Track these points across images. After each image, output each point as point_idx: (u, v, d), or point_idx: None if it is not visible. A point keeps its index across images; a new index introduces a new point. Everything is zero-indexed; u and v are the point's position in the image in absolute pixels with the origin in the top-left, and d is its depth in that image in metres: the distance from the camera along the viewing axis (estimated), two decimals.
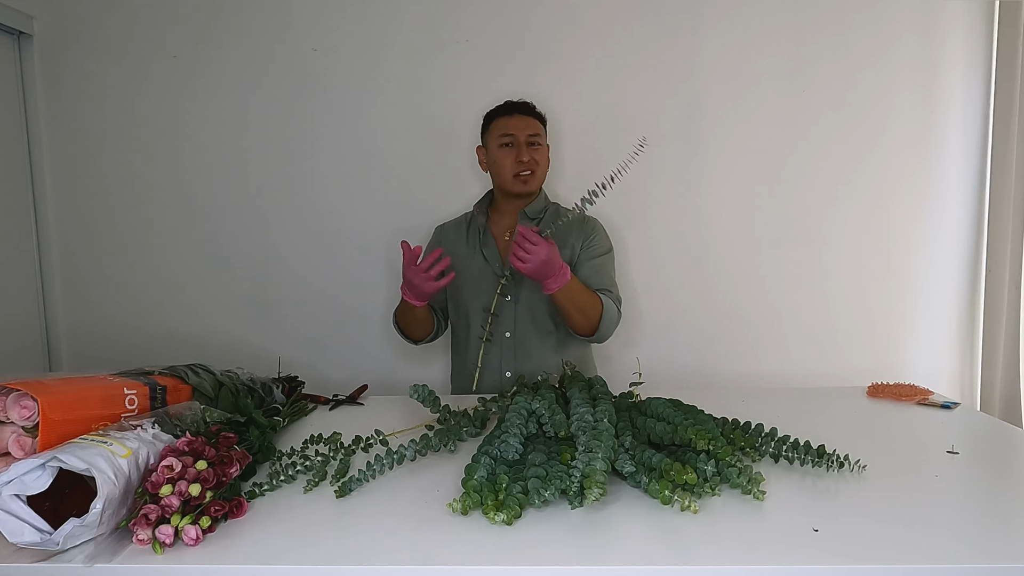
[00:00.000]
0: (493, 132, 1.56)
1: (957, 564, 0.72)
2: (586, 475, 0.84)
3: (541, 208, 1.61)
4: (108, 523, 0.78)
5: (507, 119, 1.55)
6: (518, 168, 1.53)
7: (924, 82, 1.95)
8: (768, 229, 2.00)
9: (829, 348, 2.03)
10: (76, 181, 2.02)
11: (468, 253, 1.59)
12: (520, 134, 1.53)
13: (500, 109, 1.58)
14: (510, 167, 1.53)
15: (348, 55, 1.96)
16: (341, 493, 0.92)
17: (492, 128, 1.57)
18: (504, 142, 1.54)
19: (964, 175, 2.00)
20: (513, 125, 1.54)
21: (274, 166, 2.00)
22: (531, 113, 1.58)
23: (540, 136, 1.57)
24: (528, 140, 1.54)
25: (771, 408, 1.24)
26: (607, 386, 1.19)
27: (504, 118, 1.55)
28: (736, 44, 1.94)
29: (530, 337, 1.55)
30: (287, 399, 1.40)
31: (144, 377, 1.08)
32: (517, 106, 1.57)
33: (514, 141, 1.53)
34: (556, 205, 1.66)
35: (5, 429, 0.86)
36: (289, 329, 2.05)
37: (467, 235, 1.62)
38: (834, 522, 0.81)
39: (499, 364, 1.55)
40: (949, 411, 1.28)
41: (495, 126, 1.56)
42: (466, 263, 1.58)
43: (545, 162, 1.59)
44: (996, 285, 1.97)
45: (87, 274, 2.05)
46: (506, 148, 1.54)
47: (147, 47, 1.97)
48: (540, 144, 1.57)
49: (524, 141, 1.53)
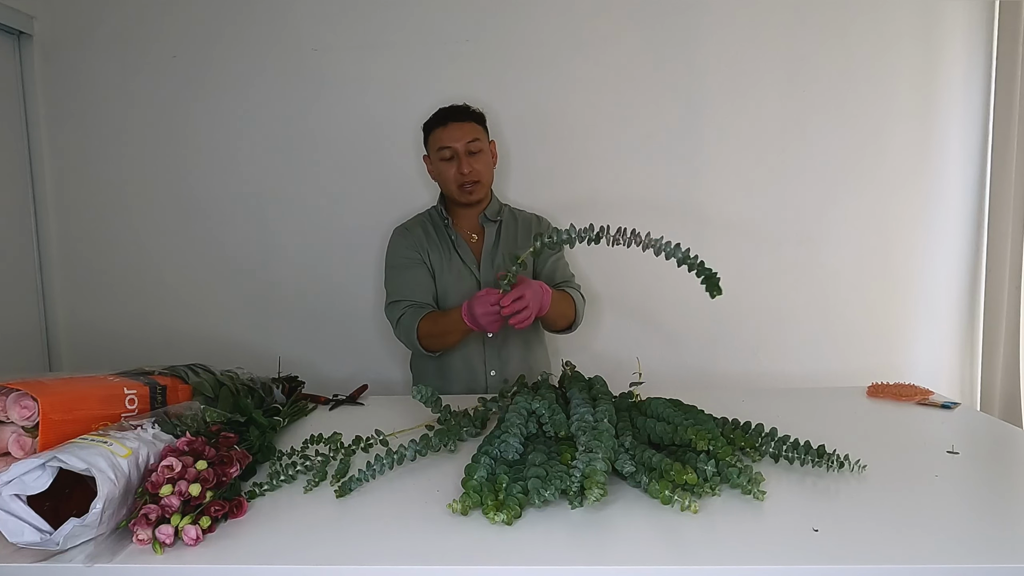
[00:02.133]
0: (432, 145, 1.54)
1: (957, 564, 0.72)
2: (586, 475, 0.84)
3: (497, 209, 1.63)
4: (108, 523, 0.78)
5: (443, 130, 1.51)
6: (460, 180, 1.51)
7: (924, 82, 1.95)
8: (768, 229, 2.00)
9: (829, 348, 2.03)
10: (76, 181, 2.02)
11: (444, 256, 1.58)
12: (458, 144, 1.50)
13: (434, 119, 1.54)
14: (453, 179, 1.52)
15: (348, 55, 1.96)
16: (341, 493, 0.92)
17: (431, 140, 1.55)
18: (444, 156, 1.52)
19: (964, 175, 2.00)
20: (449, 136, 1.50)
21: (274, 166, 2.00)
22: (466, 118, 1.53)
23: (480, 140, 1.52)
24: (467, 149, 1.51)
25: (771, 408, 1.23)
26: (607, 386, 1.18)
27: (440, 129, 1.51)
28: (736, 44, 1.94)
29: (513, 336, 1.58)
30: (287, 399, 1.40)
31: (144, 377, 1.08)
32: (450, 113, 1.53)
33: (453, 153, 1.51)
34: (508, 206, 1.69)
35: (5, 429, 0.86)
36: (289, 329, 2.05)
37: (437, 239, 1.59)
38: (834, 522, 0.81)
39: (483, 363, 1.58)
40: (949, 411, 1.28)
41: (433, 138, 1.53)
42: (445, 266, 1.57)
43: (488, 167, 1.56)
44: (996, 285, 1.96)
45: (87, 274, 2.05)
46: (447, 160, 1.52)
47: (147, 47, 1.97)
48: (481, 149, 1.53)
49: (463, 151, 1.50)
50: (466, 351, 1.57)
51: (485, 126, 1.58)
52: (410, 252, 1.56)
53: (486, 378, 1.57)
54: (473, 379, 1.57)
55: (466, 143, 1.50)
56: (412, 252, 1.56)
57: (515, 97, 1.96)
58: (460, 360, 1.57)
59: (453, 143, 1.50)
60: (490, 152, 1.57)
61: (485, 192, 1.57)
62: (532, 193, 1.98)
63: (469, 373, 1.57)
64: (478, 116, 1.56)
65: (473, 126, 1.53)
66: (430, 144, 1.55)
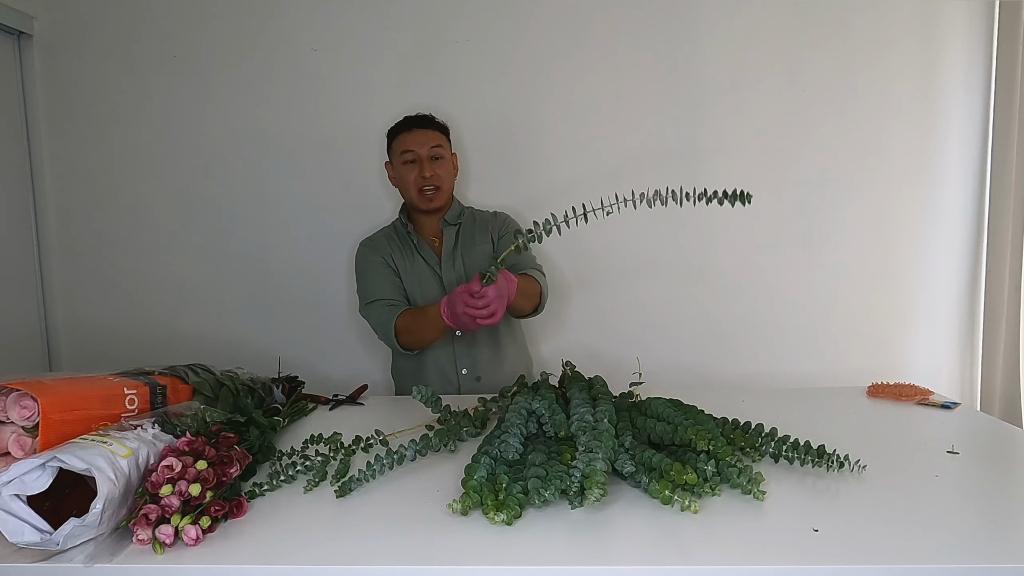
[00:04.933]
0: (396, 149, 1.59)
1: (957, 564, 0.72)
2: (586, 475, 0.84)
3: (458, 214, 1.66)
4: (108, 523, 0.78)
5: (407, 135, 1.57)
6: (421, 183, 1.56)
7: (924, 83, 1.95)
8: (768, 229, 2.00)
9: (829, 348, 2.03)
10: (76, 181, 2.02)
11: (408, 260, 1.62)
12: (421, 149, 1.55)
13: (400, 125, 1.60)
14: (414, 183, 1.56)
15: (348, 55, 1.96)
16: (341, 493, 0.92)
17: (394, 145, 1.60)
18: (407, 159, 1.56)
19: (964, 175, 2.00)
20: (413, 141, 1.55)
21: (274, 166, 2.00)
22: (430, 126, 1.59)
23: (442, 148, 1.58)
24: (430, 155, 1.56)
25: (771, 408, 1.23)
26: (607, 386, 1.18)
27: (404, 134, 1.58)
28: (736, 45, 1.94)
29: (482, 333, 1.60)
30: (287, 399, 1.40)
31: (144, 377, 1.08)
32: (415, 121, 1.59)
33: (416, 157, 1.55)
34: (471, 208, 1.71)
35: (5, 429, 0.86)
36: (289, 329, 2.05)
37: (400, 245, 1.63)
38: (834, 522, 0.81)
39: (454, 363, 1.60)
40: (949, 411, 1.28)
41: (397, 143, 1.58)
42: (409, 269, 1.61)
43: (449, 175, 1.61)
44: (996, 285, 1.96)
45: (87, 274, 2.05)
46: (409, 164, 1.56)
47: (147, 47, 1.97)
48: (443, 157, 1.58)
49: (426, 156, 1.55)
50: (436, 352, 1.60)
51: (448, 137, 1.64)
52: (377, 258, 1.61)
53: (458, 377, 1.60)
54: (445, 379, 1.60)
55: (429, 147, 1.56)
56: (378, 257, 1.60)
57: (514, 97, 1.96)
58: (431, 360, 1.60)
59: (416, 147, 1.55)
60: (452, 162, 1.63)
61: (445, 200, 1.61)
62: (531, 194, 1.98)
63: (440, 373, 1.60)
64: (442, 127, 1.62)
65: (437, 134, 1.59)
66: (393, 149, 1.60)
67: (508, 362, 1.64)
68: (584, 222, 1.03)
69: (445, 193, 1.60)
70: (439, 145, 1.57)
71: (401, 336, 1.50)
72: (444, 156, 1.59)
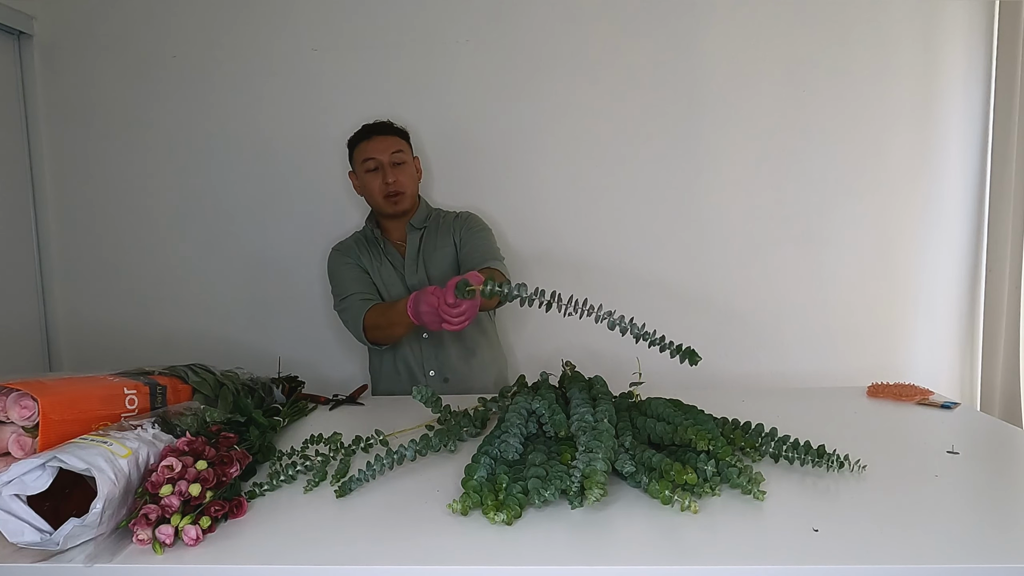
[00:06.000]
0: (357, 158, 1.61)
1: (957, 564, 0.72)
2: (586, 475, 0.84)
3: (424, 216, 1.68)
4: (108, 523, 0.78)
5: (367, 143, 1.59)
6: (385, 189, 1.57)
7: (924, 82, 1.95)
8: (768, 229, 1.99)
9: (829, 348, 2.03)
10: (76, 181, 2.02)
11: (377, 263, 1.64)
12: (382, 156, 1.57)
13: (359, 134, 1.62)
14: (378, 190, 1.58)
15: (348, 55, 1.96)
16: (341, 493, 0.92)
17: (356, 154, 1.62)
18: (369, 167, 1.58)
19: (964, 175, 2.00)
20: (373, 148, 1.58)
21: (274, 165, 2.00)
22: (390, 132, 1.61)
23: (404, 152, 1.60)
24: (392, 160, 1.58)
25: (771, 408, 1.23)
26: (607, 386, 1.19)
27: (364, 143, 1.60)
28: (736, 45, 1.94)
29: (450, 336, 1.61)
30: (287, 399, 1.40)
31: (144, 377, 1.08)
32: (375, 128, 1.61)
33: (378, 164, 1.57)
34: (438, 211, 1.73)
35: (5, 429, 0.86)
36: (289, 329, 2.05)
37: (369, 249, 1.66)
38: (834, 522, 0.81)
39: (421, 364, 1.62)
40: (949, 411, 1.28)
41: (358, 152, 1.61)
42: (376, 270, 1.63)
43: (412, 179, 1.63)
44: (996, 285, 1.96)
45: (87, 274, 2.05)
46: (372, 172, 1.58)
47: (147, 47, 1.97)
48: (405, 161, 1.60)
49: (388, 162, 1.57)
50: (403, 352, 1.62)
51: (409, 142, 1.65)
52: (348, 259, 1.64)
53: (425, 378, 1.61)
54: (413, 380, 1.61)
55: (390, 154, 1.58)
56: (349, 260, 1.63)
57: (514, 97, 1.96)
58: (400, 361, 1.62)
59: (378, 155, 1.57)
60: (414, 166, 1.65)
61: (410, 203, 1.63)
62: (533, 194, 1.98)
63: (408, 373, 1.62)
64: (402, 132, 1.65)
65: (397, 140, 1.61)
66: (355, 158, 1.62)
67: (479, 363, 1.65)
68: (546, 310, 1.02)
69: (409, 197, 1.62)
70: (400, 150, 1.59)
71: (369, 331, 1.52)
72: (406, 161, 1.61)
